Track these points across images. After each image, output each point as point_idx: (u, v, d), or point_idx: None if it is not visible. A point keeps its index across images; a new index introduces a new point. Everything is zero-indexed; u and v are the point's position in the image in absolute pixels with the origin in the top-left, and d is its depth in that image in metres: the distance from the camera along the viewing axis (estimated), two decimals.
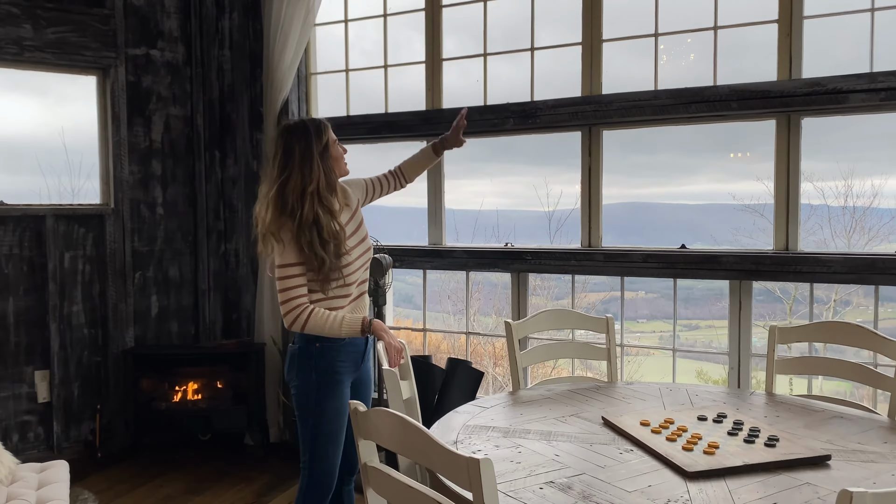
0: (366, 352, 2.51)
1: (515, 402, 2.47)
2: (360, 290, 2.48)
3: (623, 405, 2.39)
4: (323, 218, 2.27)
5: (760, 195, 6.05)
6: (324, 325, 2.28)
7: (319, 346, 2.36)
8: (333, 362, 2.37)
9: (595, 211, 3.64)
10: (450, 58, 3.98)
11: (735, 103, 3.17)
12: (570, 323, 2.90)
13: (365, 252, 2.47)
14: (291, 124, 2.39)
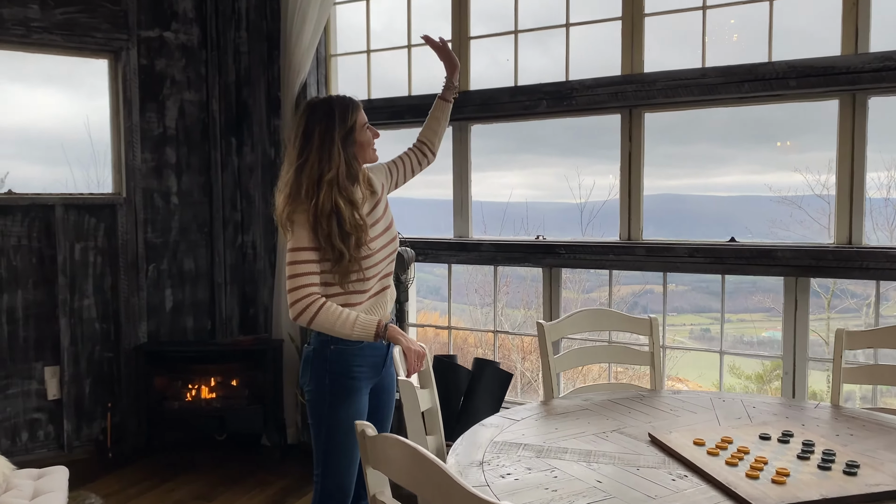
0: (388, 355, 2.26)
1: (549, 413, 2.21)
2: (381, 284, 2.23)
3: (671, 419, 2.12)
4: (344, 209, 2.03)
5: (798, 186, 5.78)
6: (334, 322, 2.03)
7: (335, 348, 2.12)
8: (350, 367, 2.14)
9: (635, 201, 3.35)
10: (477, 36, 3.71)
11: (793, 81, 2.85)
12: (609, 324, 2.63)
13: (389, 243, 2.23)
14: (315, 102, 2.14)
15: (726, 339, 3.34)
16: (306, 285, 2.02)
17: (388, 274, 2.27)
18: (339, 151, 2.06)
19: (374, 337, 2.08)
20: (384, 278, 2.24)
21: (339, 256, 2.02)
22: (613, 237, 3.40)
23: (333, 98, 2.15)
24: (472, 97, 3.56)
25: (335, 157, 2.05)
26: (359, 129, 2.12)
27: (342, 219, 2.02)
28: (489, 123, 3.69)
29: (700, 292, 7.24)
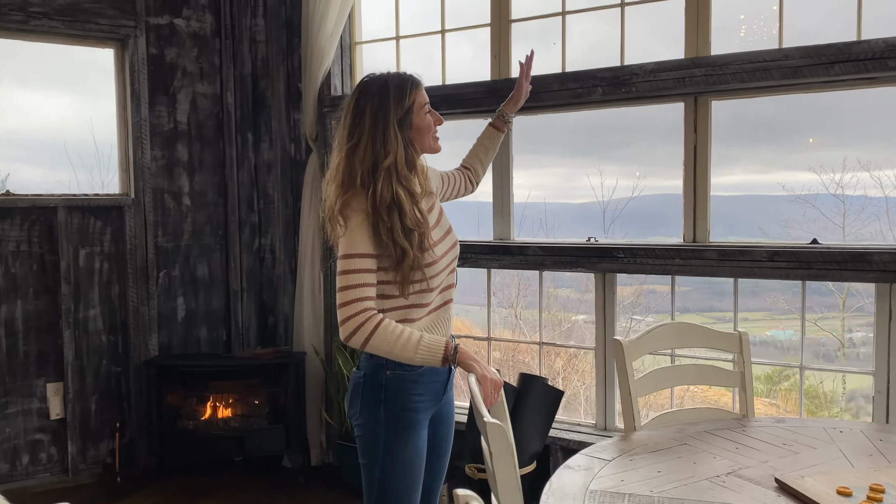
0: (449, 380, 1.94)
1: (641, 449, 1.87)
2: (443, 297, 1.90)
3: (790, 456, 1.78)
4: (405, 201, 1.73)
5: (812, 185, 5.53)
6: (394, 343, 1.69)
7: (392, 374, 1.81)
8: (409, 396, 1.82)
9: (701, 199, 3.01)
10: (520, 18, 3.37)
11: (893, 61, 2.51)
12: (694, 340, 2.29)
13: (451, 249, 1.91)
14: (368, 79, 1.84)
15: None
16: (360, 299, 1.69)
17: (450, 286, 1.94)
18: (396, 134, 1.76)
19: (441, 361, 1.73)
20: (445, 290, 1.91)
21: (402, 256, 1.72)
22: (678, 239, 3.06)
23: (390, 74, 1.83)
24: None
25: (391, 140, 1.75)
26: (416, 110, 1.81)
27: (403, 212, 1.73)
28: (535, 114, 3.35)
29: (702, 292, 6.97)
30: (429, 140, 1.85)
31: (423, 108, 1.83)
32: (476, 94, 3.34)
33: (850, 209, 5.89)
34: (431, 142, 1.87)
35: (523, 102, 2.50)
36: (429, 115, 1.85)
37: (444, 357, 1.72)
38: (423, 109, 1.83)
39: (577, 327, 7.32)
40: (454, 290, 1.96)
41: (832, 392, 6.06)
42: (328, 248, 3.73)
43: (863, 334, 6.35)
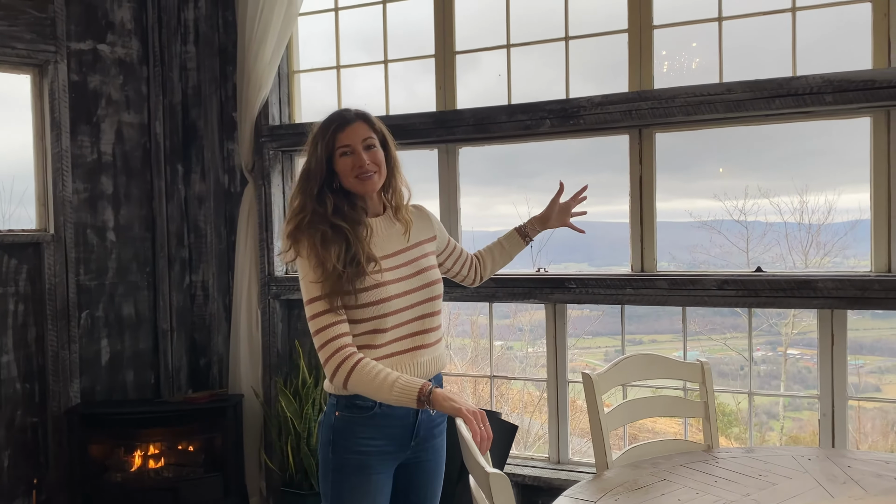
0: (417, 425, 1.85)
1: (622, 487, 1.82)
2: (411, 342, 1.85)
3: (769, 488, 1.77)
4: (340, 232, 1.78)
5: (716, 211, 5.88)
6: (370, 383, 1.68)
7: (340, 414, 1.79)
8: (357, 440, 1.79)
9: (648, 229, 3.05)
10: (464, 50, 3.36)
11: (829, 96, 2.63)
12: (658, 371, 2.28)
13: (412, 292, 1.85)
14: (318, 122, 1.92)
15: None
16: (335, 338, 1.71)
17: (419, 333, 1.86)
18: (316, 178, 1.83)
19: (415, 402, 1.67)
20: (413, 337, 1.85)
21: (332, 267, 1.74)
22: (626, 268, 3.09)
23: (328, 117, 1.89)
24: (464, 116, 3.19)
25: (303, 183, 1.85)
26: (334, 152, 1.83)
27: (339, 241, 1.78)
28: (483, 146, 3.33)
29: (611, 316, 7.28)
30: (352, 181, 1.83)
31: (338, 151, 1.82)
32: (422, 124, 3.29)
33: (753, 234, 6.19)
34: (355, 183, 1.83)
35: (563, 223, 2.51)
36: (346, 159, 1.82)
37: (418, 398, 1.66)
38: (338, 152, 1.82)
39: (506, 354, 7.35)
40: (430, 336, 1.89)
41: (736, 410, 6.32)
42: (266, 283, 3.57)
43: (763, 353, 6.66)
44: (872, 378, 6.34)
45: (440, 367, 1.94)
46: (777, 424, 6.40)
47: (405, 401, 1.67)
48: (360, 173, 1.81)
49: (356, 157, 1.81)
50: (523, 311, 6.81)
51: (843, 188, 5.15)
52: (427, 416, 1.87)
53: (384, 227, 1.90)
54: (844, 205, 6.03)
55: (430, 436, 1.91)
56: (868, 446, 5.81)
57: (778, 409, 6.28)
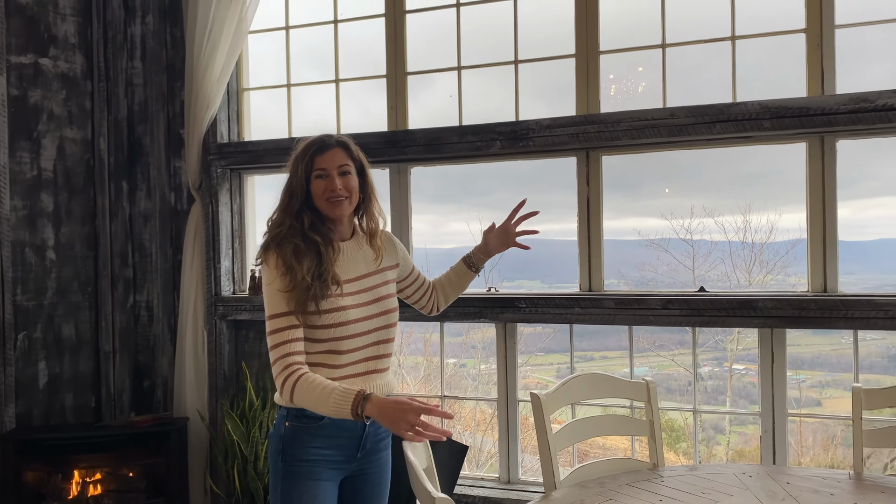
0: (364, 435, 1.90)
1: None
2: (366, 367, 1.92)
3: None
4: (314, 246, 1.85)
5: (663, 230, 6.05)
6: (312, 395, 1.73)
7: (290, 425, 1.85)
8: (306, 448, 1.84)
9: (596, 249, 3.10)
10: (416, 71, 3.38)
11: (767, 122, 2.73)
12: (605, 390, 2.32)
13: (372, 317, 1.92)
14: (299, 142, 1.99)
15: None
16: (285, 355, 1.77)
17: (373, 358, 1.93)
18: (295, 196, 1.91)
19: (350, 414, 1.69)
20: (367, 361, 1.92)
21: (301, 278, 1.80)
22: (574, 288, 3.13)
23: (304, 139, 1.96)
24: (415, 137, 3.21)
25: (285, 200, 1.92)
26: (310, 173, 1.91)
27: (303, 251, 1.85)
28: (434, 166, 3.35)
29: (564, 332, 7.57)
30: (322, 203, 1.90)
31: (314, 174, 1.89)
32: (373, 144, 3.29)
33: (699, 252, 6.36)
34: (325, 205, 1.90)
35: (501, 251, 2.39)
36: (320, 181, 1.89)
37: (353, 407, 1.69)
38: (314, 174, 1.89)
39: (459, 372, 7.35)
40: (383, 362, 1.96)
41: (684, 426, 6.45)
42: (213, 304, 3.51)
43: (709, 369, 6.82)
44: (814, 392, 6.54)
45: (390, 391, 1.98)
46: (724, 439, 6.55)
47: (341, 410, 1.69)
48: (331, 197, 1.88)
49: (329, 181, 1.88)
50: (476, 328, 6.83)
51: (784, 208, 5.36)
52: (374, 429, 1.92)
53: (351, 251, 1.96)
54: (786, 224, 6.25)
55: (375, 448, 1.95)
56: (809, 459, 5.97)
57: (724, 424, 6.42)
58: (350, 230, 1.99)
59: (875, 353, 6.55)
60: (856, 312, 2.62)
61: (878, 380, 6.34)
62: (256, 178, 3.70)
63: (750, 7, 2.91)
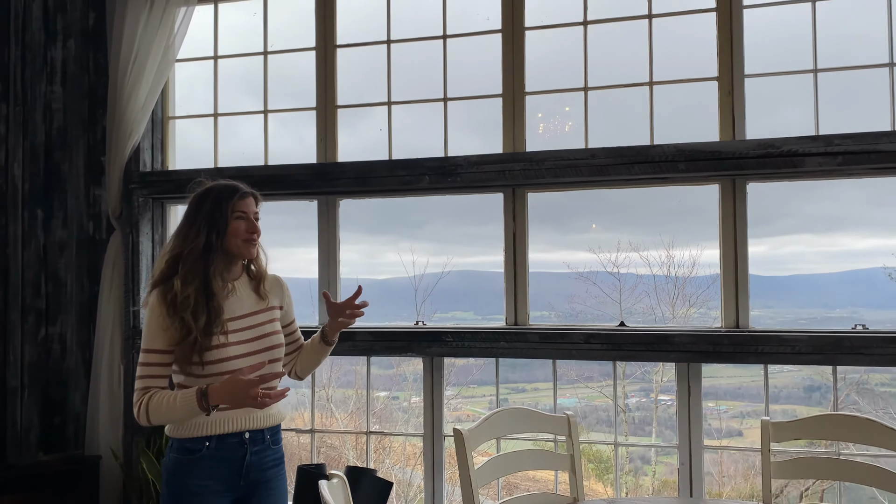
0: (245, 464, 1.96)
1: None
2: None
3: None
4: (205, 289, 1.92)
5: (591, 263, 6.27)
6: (159, 409, 1.86)
7: (171, 457, 1.96)
8: (188, 480, 1.92)
9: (521, 284, 3.15)
10: (346, 105, 3.39)
11: (682, 164, 2.85)
12: (527, 425, 2.34)
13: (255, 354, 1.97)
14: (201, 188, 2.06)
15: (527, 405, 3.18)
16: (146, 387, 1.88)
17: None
18: (203, 233, 1.96)
19: (199, 409, 1.82)
20: None
21: (187, 332, 1.88)
22: (459, 317, 3.17)
23: (218, 184, 2.05)
24: (345, 170, 3.21)
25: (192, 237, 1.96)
26: (230, 214, 1.99)
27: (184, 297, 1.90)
28: (364, 199, 3.35)
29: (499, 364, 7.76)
30: (235, 243, 1.98)
31: (234, 215, 1.98)
32: (301, 175, 3.28)
33: (625, 286, 6.55)
34: (239, 246, 1.99)
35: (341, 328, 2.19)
36: (241, 222, 1.99)
37: (198, 401, 1.81)
38: (234, 216, 1.98)
39: (390, 405, 7.29)
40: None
41: (611, 457, 6.57)
42: (130, 337, 3.39)
43: (636, 399, 6.99)
44: (735, 422, 6.76)
45: (279, 420, 2.07)
46: (650, 469, 6.68)
47: (189, 410, 1.83)
48: (250, 237, 2.01)
49: (250, 223, 2.01)
50: (408, 360, 6.81)
51: (705, 244, 5.58)
52: (257, 458, 1.98)
53: (241, 290, 2.06)
54: (707, 259, 6.51)
55: (262, 478, 2.00)
56: (731, 489, 6.14)
57: (651, 455, 6.56)
58: (241, 271, 2.09)
59: (792, 384, 6.83)
60: (766, 348, 2.74)
61: (794, 410, 6.60)
62: (180, 207, 3.62)
63: (667, 55, 3.06)
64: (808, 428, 2.27)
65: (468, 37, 3.27)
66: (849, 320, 2.85)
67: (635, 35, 3.09)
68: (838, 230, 5.93)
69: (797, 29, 2.96)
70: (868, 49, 2.89)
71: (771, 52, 3.05)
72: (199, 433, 1.91)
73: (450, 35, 3.27)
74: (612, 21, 3.12)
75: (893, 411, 5.66)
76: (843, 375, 5.73)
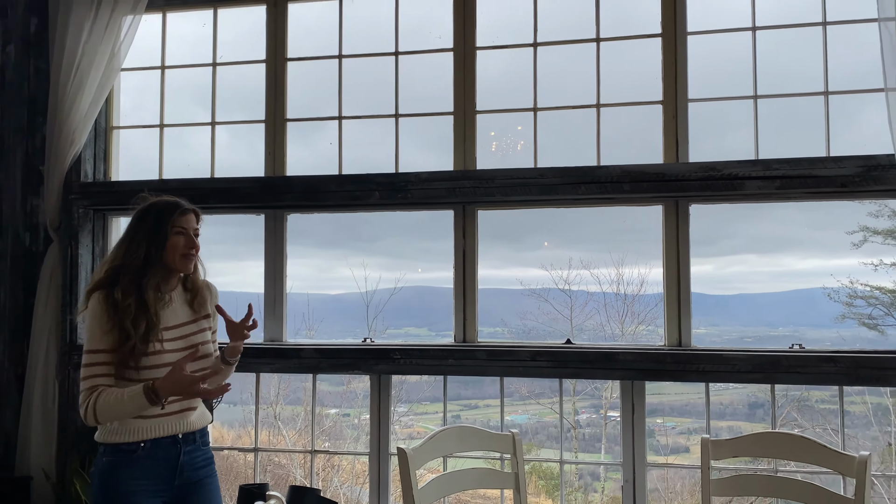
0: (179, 464, 2.05)
1: None
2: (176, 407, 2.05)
3: None
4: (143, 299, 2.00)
5: (543, 280, 6.36)
6: (107, 405, 1.92)
7: (106, 460, 2.01)
8: (124, 481, 1.98)
9: (471, 301, 3.15)
10: (296, 118, 3.37)
11: (627, 185, 2.90)
12: (472, 443, 2.33)
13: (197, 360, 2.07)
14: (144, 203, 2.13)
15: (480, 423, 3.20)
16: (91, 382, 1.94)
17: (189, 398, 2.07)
18: (143, 246, 2.04)
19: (148, 401, 1.90)
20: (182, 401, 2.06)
21: (126, 338, 1.96)
22: (404, 333, 3.16)
23: (161, 199, 2.12)
24: (293, 184, 3.18)
25: (132, 250, 2.04)
26: (170, 229, 2.06)
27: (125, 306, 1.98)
28: (313, 213, 3.32)
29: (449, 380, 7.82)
30: (173, 257, 2.06)
31: (174, 230, 2.06)
32: (249, 188, 3.23)
33: (576, 303, 6.63)
34: (177, 260, 2.07)
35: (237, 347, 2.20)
36: (180, 237, 2.06)
37: (147, 397, 1.89)
38: (174, 231, 2.06)
39: (340, 422, 7.20)
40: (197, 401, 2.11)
41: (558, 473, 6.60)
42: (67, 352, 3.27)
43: (587, 416, 7.07)
44: (682, 439, 6.87)
45: (205, 422, 2.18)
46: (600, 486, 6.73)
47: (138, 404, 1.90)
48: (188, 252, 2.08)
49: (189, 239, 2.09)
50: (358, 377, 6.75)
51: (653, 263, 5.70)
52: (190, 458, 2.07)
53: (177, 301, 2.13)
54: (655, 278, 6.65)
55: (195, 477, 2.09)
56: None
57: (600, 471, 6.61)
58: (177, 282, 2.16)
59: (737, 401, 6.99)
60: (707, 366, 2.80)
61: (739, 426, 6.74)
62: (123, 220, 3.53)
63: (615, 78, 3.12)
64: (746, 446, 2.31)
65: (420, 54, 3.28)
66: (790, 338, 2.92)
67: (584, 58, 3.15)
68: (781, 251, 6.11)
69: (739, 56, 3.05)
70: (805, 78, 3.00)
71: (714, 78, 3.14)
72: (134, 438, 1.99)
73: (402, 52, 3.28)
74: (561, 44, 3.17)
75: (832, 428, 5.84)
76: (785, 392, 5.89)
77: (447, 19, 3.22)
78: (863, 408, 5.89)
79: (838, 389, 2.85)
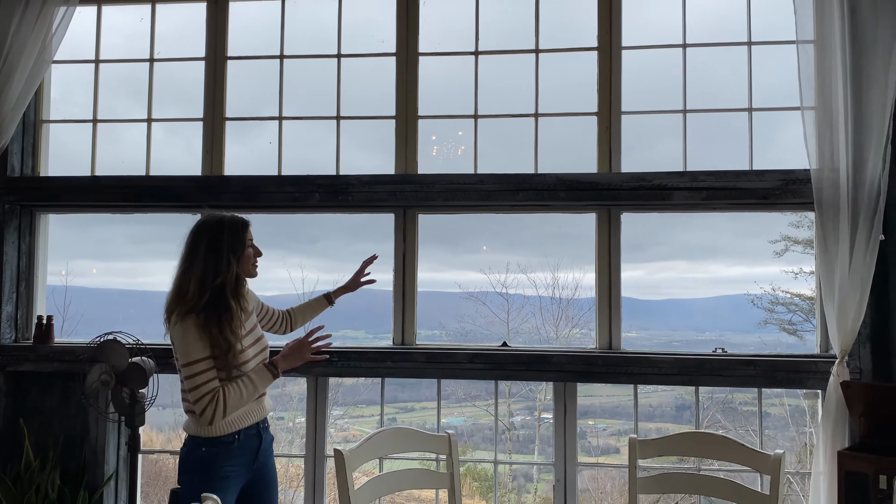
0: (260, 450, 2.33)
1: None
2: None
3: None
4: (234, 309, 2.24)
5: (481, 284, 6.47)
6: (240, 396, 2.19)
7: (206, 450, 2.24)
8: (222, 466, 2.24)
9: (410, 304, 3.19)
10: (236, 117, 3.33)
11: (563, 193, 2.99)
12: (408, 444, 2.36)
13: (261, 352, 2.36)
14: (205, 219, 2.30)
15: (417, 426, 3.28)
16: (206, 383, 2.14)
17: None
18: (228, 262, 2.23)
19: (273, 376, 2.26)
20: None
21: (228, 348, 2.18)
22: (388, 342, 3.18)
23: (226, 216, 2.31)
24: (231, 184, 3.15)
25: (223, 266, 2.23)
26: (246, 244, 2.30)
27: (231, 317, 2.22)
28: (253, 214, 3.27)
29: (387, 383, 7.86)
30: (248, 267, 2.32)
31: (247, 243, 2.30)
32: (186, 188, 3.19)
33: (513, 306, 6.74)
34: (251, 268, 2.35)
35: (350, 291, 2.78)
36: (251, 249, 2.32)
37: (270, 373, 2.26)
38: (247, 243, 2.30)
39: (275, 425, 7.11)
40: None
41: (492, 474, 6.70)
42: None
43: (521, 418, 7.18)
44: (612, 440, 7.05)
45: (271, 410, 2.44)
46: (532, 486, 6.84)
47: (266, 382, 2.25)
48: (256, 262, 2.36)
49: (257, 250, 2.37)
50: (293, 380, 6.69)
51: (587, 268, 5.85)
52: (266, 444, 2.35)
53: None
54: (589, 282, 6.82)
55: (265, 458, 2.37)
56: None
57: (533, 472, 6.72)
58: None
59: (665, 402, 7.21)
60: (635, 369, 2.91)
61: (667, 428, 6.95)
62: (52, 216, 3.42)
63: (553, 88, 3.21)
64: (671, 445, 2.41)
65: (363, 58, 3.30)
66: (716, 343, 3.06)
67: (524, 67, 3.22)
68: (708, 258, 6.35)
69: (671, 71, 3.18)
70: (731, 94, 3.15)
71: (646, 92, 3.25)
72: (229, 430, 2.22)
73: (344, 55, 3.29)
74: (501, 53, 3.24)
75: (753, 429, 6.10)
76: (711, 395, 6.12)
77: (390, 24, 3.25)
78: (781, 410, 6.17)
79: (757, 391, 3.00)
